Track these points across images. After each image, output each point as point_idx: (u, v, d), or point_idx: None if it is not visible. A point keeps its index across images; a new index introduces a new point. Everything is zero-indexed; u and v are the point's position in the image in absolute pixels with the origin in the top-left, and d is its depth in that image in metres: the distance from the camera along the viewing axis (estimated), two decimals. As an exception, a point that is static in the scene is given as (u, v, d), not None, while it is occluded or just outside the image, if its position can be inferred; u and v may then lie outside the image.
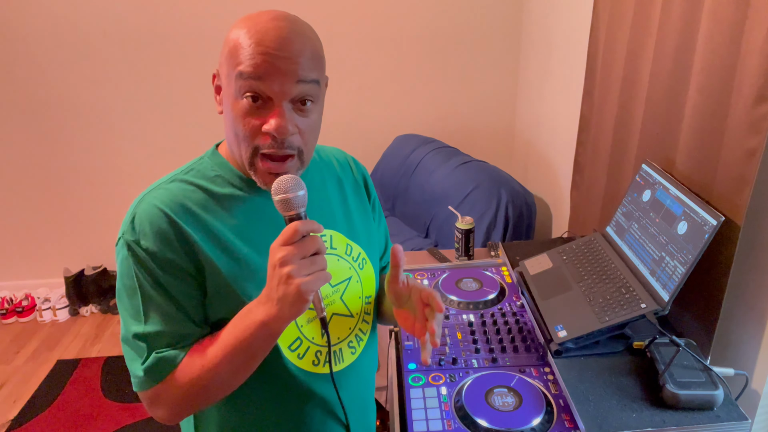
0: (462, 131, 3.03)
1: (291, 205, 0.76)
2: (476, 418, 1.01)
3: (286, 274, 0.71)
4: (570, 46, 2.16)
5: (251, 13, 0.81)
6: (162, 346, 0.81)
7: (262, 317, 0.75)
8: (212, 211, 0.84)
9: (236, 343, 0.78)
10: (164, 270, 0.80)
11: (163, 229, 0.80)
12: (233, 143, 0.83)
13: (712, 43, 1.12)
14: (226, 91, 0.81)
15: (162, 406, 0.83)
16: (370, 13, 2.76)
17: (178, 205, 0.82)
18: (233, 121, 0.80)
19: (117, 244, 0.83)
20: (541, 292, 1.33)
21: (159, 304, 0.81)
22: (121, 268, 0.82)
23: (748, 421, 0.97)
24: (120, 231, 0.83)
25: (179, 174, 0.87)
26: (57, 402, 2.37)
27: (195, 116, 2.90)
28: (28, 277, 3.18)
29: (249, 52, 0.76)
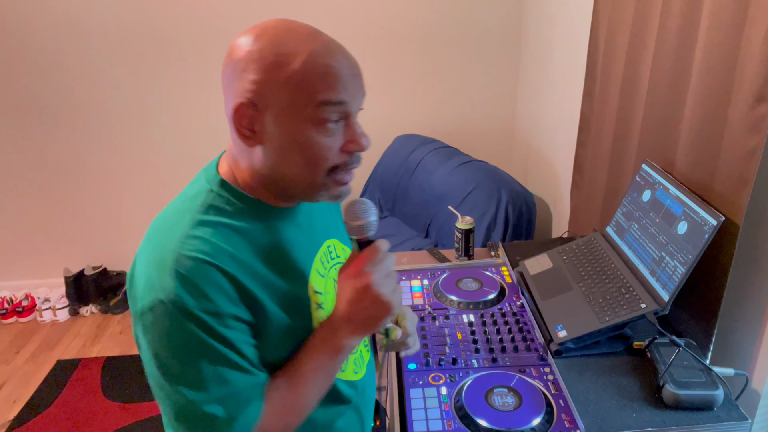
0: (462, 131, 3.03)
1: (366, 230, 0.80)
2: (476, 418, 1.01)
3: (379, 296, 0.76)
4: (570, 46, 2.16)
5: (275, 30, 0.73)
6: (240, 405, 0.74)
7: (345, 339, 0.78)
8: (246, 251, 0.77)
9: (322, 372, 0.80)
10: (229, 327, 0.72)
11: (220, 284, 0.72)
12: (296, 172, 0.76)
13: (712, 43, 1.12)
14: (292, 119, 0.73)
15: None
16: (369, 14, 2.76)
17: (220, 253, 0.73)
18: (307, 148, 0.74)
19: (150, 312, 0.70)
20: (541, 292, 1.33)
21: (230, 364, 0.73)
22: (168, 338, 0.70)
23: (748, 421, 0.97)
24: (152, 296, 0.70)
25: (198, 214, 0.76)
26: (57, 402, 2.37)
27: (195, 116, 2.90)
28: (28, 277, 3.18)
29: (328, 76, 0.72)
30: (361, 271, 0.76)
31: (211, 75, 2.83)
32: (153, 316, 0.70)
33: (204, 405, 0.71)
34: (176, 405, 0.72)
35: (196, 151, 2.96)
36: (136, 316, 0.73)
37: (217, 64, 3.16)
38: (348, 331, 0.78)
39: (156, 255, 0.73)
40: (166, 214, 0.80)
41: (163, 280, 0.70)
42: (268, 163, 0.76)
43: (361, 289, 0.76)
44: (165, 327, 0.70)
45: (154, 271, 0.71)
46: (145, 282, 0.72)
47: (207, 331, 0.70)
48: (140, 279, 0.73)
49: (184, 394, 0.71)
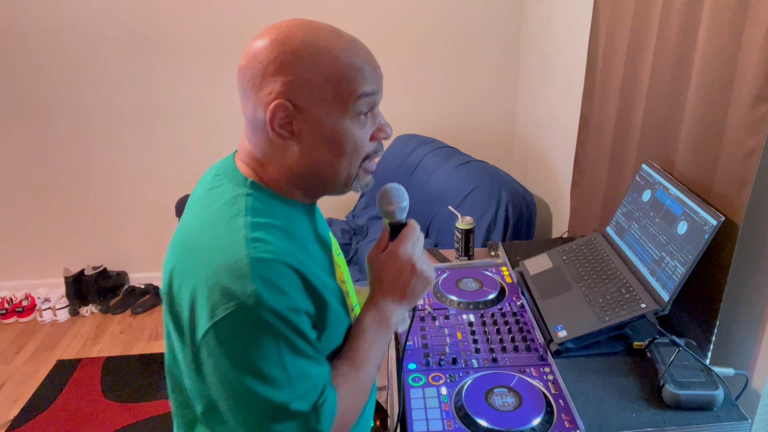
0: (462, 131, 3.03)
1: (401, 213, 0.88)
2: (476, 418, 1.01)
3: (422, 271, 0.86)
4: (570, 46, 2.16)
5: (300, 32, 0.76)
6: (318, 395, 0.75)
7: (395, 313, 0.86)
8: (295, 247, 0.78)
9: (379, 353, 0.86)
10: (303, 321, 0.75)
11: (296, 281, 0.74)
12: (334, 164, 0.80)
13: (712, 43, 1.12)
14: (326, 118, 0.76)
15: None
16: (369, 14, 2.76)
17: (283, 251, 0.74)
18: (347, 140, 0.78)
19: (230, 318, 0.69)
20: (541, 292, 1.33)
21: (308, 357, 0.75)
22: (253, 340, 0.70)
23: (748, 421, 0.97)
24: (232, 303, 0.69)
25: (247, 218, 0.75)
26: (57, 402, 2.37)
27: (196, 116, 2.91)
28: (28, 277, 3.18)
29: (364, 73, 0.77)
30: (404, 252, 0.84)
31: (211, 75, 2.83)
32: (233, 323, 0.69)
33: (292, 403, 0.72)
34: (263, 410, 0.72)
35: (197, 151, 2.96)
36: (205, 332, 0.71)
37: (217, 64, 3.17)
38: (394, 308, 0.86)
39: (223, 264, 0.71)
40: (204, 225, 0.78)
41: (244, 285, 0.69)
42: (304, 160, 0.79)
43: (405, 268, 0.85)
44: (249, 330, 0.70)
45: (228, 278, 0.70)
46: (217, 293, 0.70)
47: (290, 327, 0.72)
48: (204, 292, 0.71)
49: (270, 397, 0.71)
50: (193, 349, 0.75)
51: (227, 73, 2.83)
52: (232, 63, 2.81)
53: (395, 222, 0.88)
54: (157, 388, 2.43)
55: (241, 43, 2.77)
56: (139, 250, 3.19)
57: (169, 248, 0.83)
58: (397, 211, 0.87)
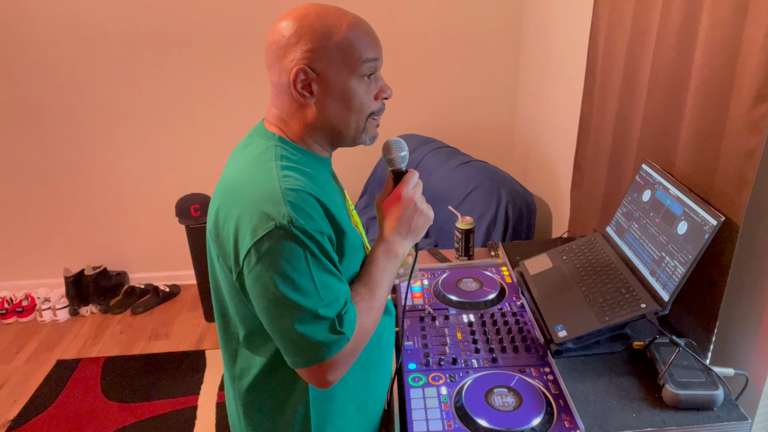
0: (462, 131, 3.03)
1: (401, 161, 1.02)
2: (476, 418, 1.01)
3: (423, 209, 1.01)
4: (570, 46, 2.16)
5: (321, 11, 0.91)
6: (342, 306, 0.89)
7: (401, 248, 1.00)
8: (322, 189, 0.93)
9: (388, 277, 0.99)
10: (327, 243, 0.89)
11: (319, 209, 0.88)
12: (346, 120, 0.95)
13: (712, 43, 1.12)
14: (338, 79, 0.91)
15: (345, 362, 0.91)
16: (369, 14, 2.76)
17: (308, 185, 0.89)
18: (356, 98, 0.93)
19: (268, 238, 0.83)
20: (541, 292, 1.33)
21: (332, 273, 0.89)
22: (287, 256, 0.84)
23: (748, 421, 0.97)
24: (268, 225, 0.83)
25: (277, 161, 0.91)
26: (57, 402, 2.37)
27: (197, 117, 2.91)
28: (28, 277, 3.18)
29: (366, 40, 0.91)
30: (409, 192, 0.99)
31: (212, 76, 2.83)
32: (271, 241, 0.83)
33: (320, 309, 0.86)
34: (297, 315, 0.85)
35: (197, 152, 2.96)
36: (247, 255, 0.85)
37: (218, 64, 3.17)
38: (400, 241, 1.00)
39: (261, 195, 0.86)
40: (243, 169, 0.93)
41: (279, 209, 0.84)
42: (321, 115, 0.94)
43: (408, 206, 0.99)
44: (284, 246, 0.84)
45: (266, 206, 0.84)
46: (257, 217, 0.84)
47: (317, 246, 0.86)
48: (246, 217, 0.85)
49: (301, 303, 0.85)
50: (237, 269, 0.88)
51: (228, 73, 2.83)
52: (233, 63, 2.81)
53: (397, 169, 1.03)
54: (157, 388, 2.43)
55: (242, 44, 2.77)
56: (139, 250, 3.19)
57: (214, 193, 0.96)
58: (397, 159, 1.02)
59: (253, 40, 2.77)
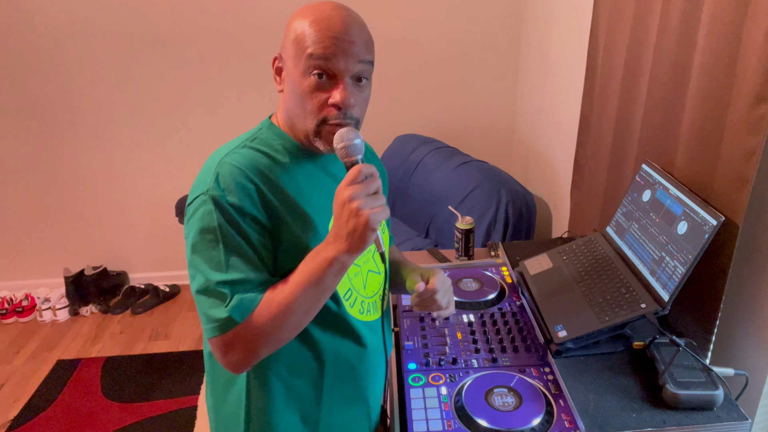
0: (462, 131, 3.03)
1: (350, 152, 0.88)
2: (476, 418, 1.01)
3: (356, 209, 0.82)
4: (570, 46, 2.16)
5: (310, 5, 0.91)
6: (243, 291, 0.88)
7: (334, 253, 0.86)
8: (278, 175, 0.93)
9: (310, 280, 0.88)
10: (247, 223, 0.88)
11: (246, 186, 0.88)
12: (298, 116, 0.92)
13: (712, 43, 1.12)
14: (292, 72, 0.91)
15: (238, 350, 0.88)
16: (369, 14, 2.76)
17: (253, 167, 0.91)
18: (301, 96, 0.90)
19: (194, 202, 0.89)
20: (541, 292, 1.33)
21: (243, 253, 0.88)
22: (201, 223, 0.88)
23: (748, 421, 0.97)
24: (197, 190, 0.89)
25: (246, 141, 0.95)
26: (57, 402, 2.37)
27: (197, 116, 2.91)
28: (28, 277, 3.18)
29: (318, 36, 0.87)
30: (342, 188, 0.84)
31: (212, 75, 2.83)
32: (194, 207, 0.89)
33: (217, 284, 0.87)
34: (198, 282, 0.88)
35: (197, 151, 2.96)
36: (185, 213, 0.92)
37: (217, 63, 3.17)
38: (337, 245, 0.85)
39: (206, 165, 0.93)
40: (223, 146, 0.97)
41: (206, 177, 0.89)
42: (285, 107, 0.95)
43: (340, 203, 0.83)
44: (201, 213, 0.88)
45: (203, 173, 0.91)
46: (195, 183, 0.91)
47: (230, 221, 0.87)
48: (193, 186, 0.92)
49: (204, 272, 0.88)
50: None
51: (228, 72, 2.83)
52: (233, 61, 2.81)
53: (349, 161, 0.88)
54: (157, 388, 2.43)
55: (242, 44, 2.77)
56: (139, 250, 3.19)
57: None
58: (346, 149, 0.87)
59: (253, 40, 2.77)
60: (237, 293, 0.87)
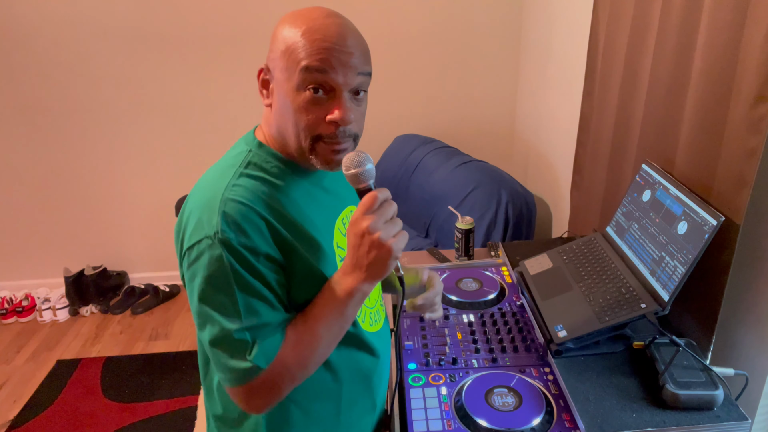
0: (462, 131, 3.03)
1: (362, 179, 0.83)
2: (476, 418, 1.01)
3: (377, 240, 0.79)
4: (570, 46, 2.16)
5: (298, 11, 0.85)
6: (265, 335, 0.83)
7: (355, 284, 0.83)
8: (281, 202, 0.88)
9: (332, 313, 0.85)
10: (261, 263, 0.83)
11: (257, 223, 0.83)
12: (290, 133, 0.86)
13: (712, 43, 1.12)
14: (283, 85, 0.84)
15: (263, 395, 0.85)
16: (369, 14, 2.76)
17: (258, 200, 0.85)
18: (294, 112, 0.84)
19: (197, 246, 0.81)
20: (541, 292, 1.33)
21: (260, 296, 0.83)
22: (209, 269, 0.80)
23: (748, 421, 0.97)
24: (199, 232, 0.81)
25: (240, 168, 0.88)
26: (57, 402, 2.37)
27: (197, 116, 2.90)
28: (28, 277, 3.18)
29: (313, 47, 0.80)
30: (359, 218, 0.80)
31: (212, 74, 2.83)
32: (198, 250, 0.81)
33: (236, 332, 0.81)
34: (212, 331, 0.82)
35: (197, 151, 2.96)
36: (185, 255, 0.84)
37: (217, 63, 3.16)
38: (356, 276, 0.83)
39: (205, 200, 0.84)
40: (211, 171, 0.91)
41: (211, 218, 0.81)
42: (275, 123, 0.89)
43: (359, 234, 0.80)
44: (208, 258, 0.80)
45: (204, 212, 0.82)
46: (195, 222, 0.83)
47: (243, 263, 0.81)
48: (191, 222, 0.84)
49: (219, 321, 0.81)
50: (180, 266, 0.87)
51: (228, 72, 2.83)
52: (233, 61, 2.81)
53: (362, 188, 0.84)
54: (157, 388, 2.43)
55: (242, 42, 2.77)
56: (139, 250, 3.19)
57: None
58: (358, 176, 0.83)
59: (253, 40, 2.77)
60: (258, 338, 0.82)
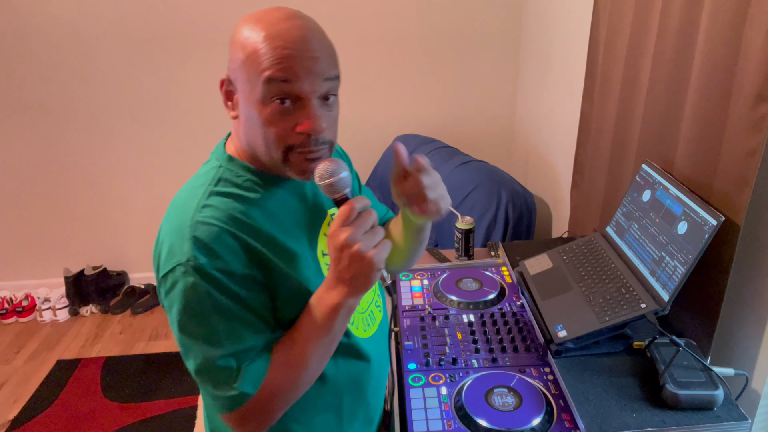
0: (462, 131, 3.02)
1: (337, 188, 0.79)
2: (476, 418, 1.01)
3: (357, 252, 0.75)
4: (570, 46, 2.16)
5: (257, 14, 0.80)
6: (249, 359, 0.80)
7: (339, 299, 0.79)
8: (256, 216, 0.83)
9: (319, 331, 0.82)
10: (239, 284, 0.79)
11: (230, 244, 0.79)
12: (259, 146, 0.81)
13: (712, 43, 1.12)
14: (247, 97, 0.79)
15: (255, 419, 0.82)
16: (369, 13, 2.76)
17: (231, 219, 0.81)
18: (261, 125, 0.79)
19: (171, 274, 0.78)
20: (541, 292, 1.33)
21: (241, 319, 0.80)
22: (185, 298, 0.78)
23: (748, 421, 0.97)
24: (171, 259, 0.78)
25: (210, 186, 0.84)
26: (57, 402, 2.37)
27: (195, 116, 2.90)
28: (28, 277, 3.18)
29: (275, 55, 0.75)
30: (336, 230, 0.76)
31: (211, 74, 2.82)
32: (173, 278, 0.78)
33: (219, 359, 0.79)
34: (196, 361, 0.80)
35: (196, 151, 2.95)
36: (160, 283, 0.81)
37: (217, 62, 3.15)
38: (340, 291, 0.79)
39: (175, 225, 0.80)
40: (182, 191, 0.87)
41: (182, 244, 0.77)
42: (243, 135, 0.85)
43: (338, 248, 0.76)
44: (183, 287, 0.77)
45: (175, 238, 0.79)
46: (167, 249, 0.79)
47: (220, 288, 0.78)
48: (163, 248, 0.81)
49: (201, 350, 0.79)
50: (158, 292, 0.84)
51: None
52: (232, 63, 2.81)
53: (338, 197, 0.80)
54: (157, 388, 2.43)
55: (241, 43, 2.77)
56: (139, 250, 3.18)
57: None
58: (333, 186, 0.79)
59: (253, 40, 2.77)
60: (243, 364, 0.79)
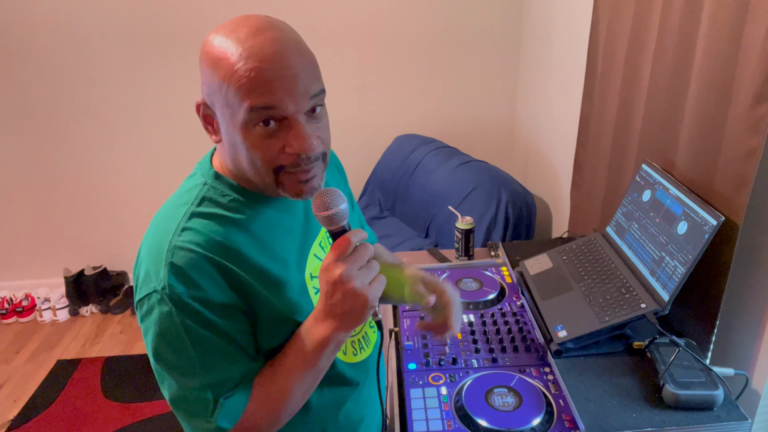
0: (462, 131, 3.02)
1: (335, 220, 0.75)
2: (476, 418, 1.01)
3: (351, 289, 0.72)
4: (570, 46, 2.16)
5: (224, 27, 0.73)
6: (228, 390, 0.77)
7: (327, 333, 0.76)
8: (240, 240, 0.79)
9: (304, 365, 0.79)
10: (217, 313, 0.75)
11: (208, 272, 0.75)
12: (248, 170, 0.77)
13: (712, 43, 1.12)
14: (228, 121, 0.74)
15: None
16: (369, 13, 2.76)
17: (212, 243, 0.76)
18: (247, 150, 0.74)
19: (146, 300, 0.75)
20: (541, 292, 1.33)
21: (218, 348, 0.76)
22: (159, 326, 0.74)
23: (748, 421, 0.97)
24: (147, 284, 0.75)
25: (192, 207, 0.79)
26: (57, 402, 2.37)
27: (195, 116, 2.89)
28: (28, 277, 3.18)
29: (252, 80, 0.69)
30: (331, 265, 0.73)
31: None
32: (148, 305, 0.75)
33: (194, 391, 0.76)
34: (170, 390, 0.77)
35: (196, 151, 2.95)
36: (137, 305, 0.77)
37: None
38: (329, 325, 0.76)
39: (153, 247, 0.76)
40: (164, 208, 0.83)
41: (158, 270, 0.74)
42: (229, 159, 0.80)
43: (332, 283, 0.73)
44: (158, 315, 0.74)
45: (151, 263, 0.75)
46: (144, 273, 0.76)
47: (196, 318, 0.74)
48: (141, 270, 0.77)
49: (176, 380, 0.76)
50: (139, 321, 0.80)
51: (227, 73, 2.82)
52: (232, 63, 2.81)
53: (335, 229, 0.76)
54: (157, 388, 2.43)
55: (241, 43, 2.77)
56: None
57: None
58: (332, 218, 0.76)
59: (253, 40, 2.77)
60: (220, 396, 0.76)
